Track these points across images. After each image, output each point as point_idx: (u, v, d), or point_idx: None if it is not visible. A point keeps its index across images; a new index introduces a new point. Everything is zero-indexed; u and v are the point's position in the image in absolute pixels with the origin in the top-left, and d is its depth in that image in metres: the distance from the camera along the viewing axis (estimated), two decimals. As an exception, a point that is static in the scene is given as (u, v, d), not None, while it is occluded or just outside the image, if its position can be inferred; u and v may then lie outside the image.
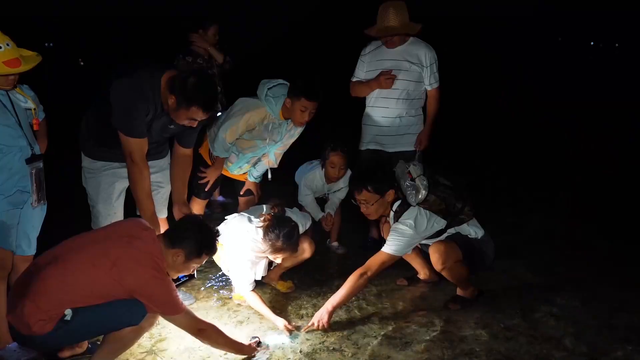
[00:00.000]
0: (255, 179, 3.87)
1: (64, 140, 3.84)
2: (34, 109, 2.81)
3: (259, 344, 2.85)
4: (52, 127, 3.07)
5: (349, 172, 4.07)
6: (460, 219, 3.21)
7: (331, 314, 3.03)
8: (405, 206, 3.16)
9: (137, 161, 2.91)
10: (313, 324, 3.00)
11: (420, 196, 3.10)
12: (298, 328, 3.06)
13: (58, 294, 2.25)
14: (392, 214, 3.22)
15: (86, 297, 2.29)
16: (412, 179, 3.14)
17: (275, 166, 3.83)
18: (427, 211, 3.11)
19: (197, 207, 3.79)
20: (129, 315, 2.36)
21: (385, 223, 3.44)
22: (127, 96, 2.80)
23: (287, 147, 3.82)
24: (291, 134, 3.72)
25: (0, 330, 2.76)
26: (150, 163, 3.12)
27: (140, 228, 2.51)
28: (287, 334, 2.98)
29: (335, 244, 4.32)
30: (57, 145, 3.27)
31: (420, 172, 3.16)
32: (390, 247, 3.09)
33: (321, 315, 3.00)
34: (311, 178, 4.08)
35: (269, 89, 3.55)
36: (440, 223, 3.15)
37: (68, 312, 2.26)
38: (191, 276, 3.39)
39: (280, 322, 3.04)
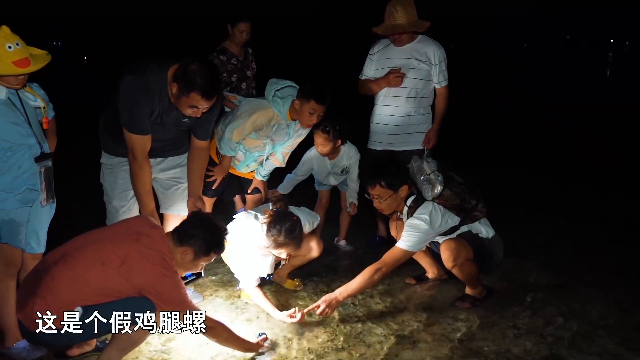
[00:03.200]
0: (263, 177, 3.86)
1: (72, 138, 3.85)
2: (44, 107, 2.82)
3: (266, 340, 2.85)
4: (60, 125, 3.07)
5: (349, 148, 3.99)
6: (473, 216, 3.21)
7: (340, 302, 3.03)
8: (419, 201, 3.15)
9: (138, 157, 2.92)
10: (319, 306, 2.97)
11: (436, 191, 3.10)
12: (303, 323, 3.08)
13: (67, 292, 2.26)
14: (405, 209, 3.21)
15: (95, 295, 2.29)
16: (427, 174, 3.13)
17: (283, 165, 3.82)
18: (441, 206, 3.11)
19: (205, 205, 3.79)
20: (139, 312, 2.36)
21: (395, 221, 3.44)
22: (130, 93, 2.82)
23: (295, 146, 3.82)
24: (299, 134, 3.72)
25: (9, 328, 2.77)
26: (169, 159, 3.18)
27: (148, 226, 2.51)
28: (292, 319, 3.01)
29: (342, 242, 4.31)
30: (65, 143, 3.27)
31: (434, 167, 3.17)
32: (405, 243, 3.08)
33: (330, 300, 2.98)
34: (310, 155, 4.03)
35: (277, 90, 3.54)
36: (454, 219, 3.15)
37: (78, 310, 2.26)
38: (198, 275, 3.38)
39: (283, 314, 3.06)
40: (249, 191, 3.93)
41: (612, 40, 37.39)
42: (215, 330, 2.57)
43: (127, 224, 2.57)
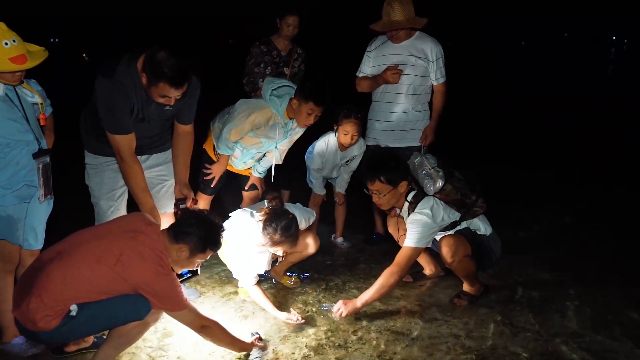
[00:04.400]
0: (260, 174, 3.86)
1: (70, 135, 3.84)
2: (41, 103, 2.82)
3: (260, 339, 2.84)
4: (57, 122, 3.07)
5: (362, 140, 4.00)
6: (474, 211, 3.22)
7: (357, 309, 3.05)
8: (420, 196, 3.16)
9: (125, 158, 2.90)
10: (339, 309, 3.01)
11: (437, 185, 3.11)
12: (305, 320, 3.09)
13: (62, 290, 2.25)
14: (406, 205, 3.20)
15: (91, 293, 2.29)
16: (429, 170, 3.16)
17: (280, 162, 3.82)
18: (442, 201, 3.13)
19: (203, 202, 3.78)
20: (134, 310, 2.36)
21: (392, 218, 3.45)
22: (106, 94, 2.80)
23: (292, 143, 3.82)
24: (296, 132, 3.72)
25: (7, 324, 2.79)
26: (154, 156, 3.15)
27: (143, 223, 2.50)
28: (291, 321, 3.01)
29: (340, 239, 4.32)
30: (63, 139, 3.26)
31: (434, 163, 3.19)
32: (412, 240, 3.07)
33: (347, 306, 3.02)
34: (323, 146, 3.97)
35: (273, 89, 3.54)
36: (454, 215, 3.17)
37: (73, 308, 2.26)
38: (194, 273, 3.33)
39: (282, 315, 3.07)
40: (245, 188, 3.92)
41: (614, 38, 37.36)
42: (210, 329, 2.56)
43: (123, 222, 2.56)
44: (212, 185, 3.74)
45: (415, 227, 3.08)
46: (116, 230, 2.43)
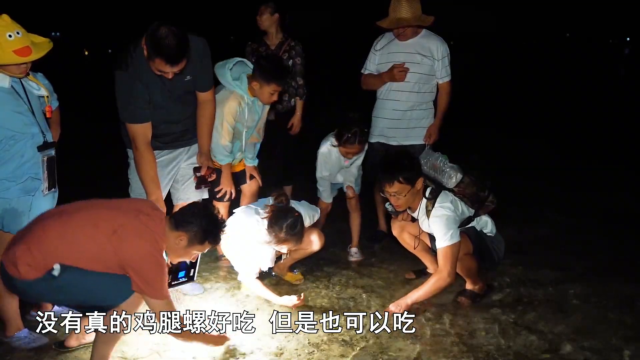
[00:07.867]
0: (252, 160, 3.78)
1: (75, 129, 3.83)
2: (47, 96, 2.82)
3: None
4: (63, 115, 3.07)
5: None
6: (485, 207, 3.25)
7: (409, 306, 3.09)
8: (438, 190, 3.18)
9: (139, 147, 3.01)
10: (392, 311, 3.04)
11: (458, 176, 3.16)
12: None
13: (52, 245, 2.26)
14: (424, 201, 3.19)
15: (78, 255, 2.28)
16: (446, 164, 3.20)
17: (261, 139, 3.76)
18: (457, 197, 3.19)
19: (223, 210, 3.68)
20: (112, 292, 2.32)
21: (399, 221, 3.45)
22: (125, 86, 2.93)
23: (265, 119, 3.73)
24: (264, 107, 3.66)
25: (11, 317, 2.78)
26: (194, 147, 3.32)
27: (150, 207, 2.54)
28: (297, 303, 3.05)
29: (354, 249, 4.04)
30: (69, 133, 3.26)
31: (447, 160, 3.23)
32: (445, 239, 3.04)
33: (399, 305, 3.08)
34: (326, 153, 3.85)
35: (229, 69, 3.47)
36: (469, 210, 3.21)
37: (56, 267, 2.24)
38: (190, 279, 3.25)
39: (289, 300, 3.10)
40: (247, 181, 3.84)
41: (627, 39, 37.12)
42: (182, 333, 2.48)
43: (131, 202, 2.63)
44: (225, 200, 3.68)
45: (440, 224, 3.06)
46: (123, 207, 2.48)
